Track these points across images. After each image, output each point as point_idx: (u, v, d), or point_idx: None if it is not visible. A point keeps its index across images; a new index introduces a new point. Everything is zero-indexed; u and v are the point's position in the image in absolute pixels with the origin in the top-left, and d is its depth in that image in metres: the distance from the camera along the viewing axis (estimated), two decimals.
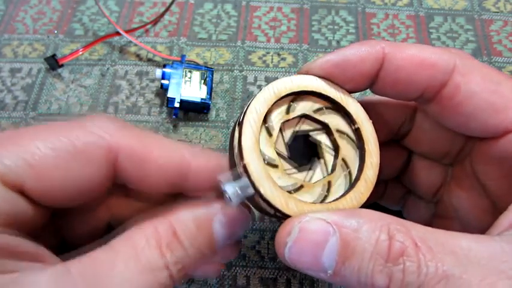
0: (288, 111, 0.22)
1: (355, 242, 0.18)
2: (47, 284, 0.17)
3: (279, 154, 0.22)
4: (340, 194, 0.21)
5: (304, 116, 0.23)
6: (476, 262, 0.17)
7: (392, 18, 0.45)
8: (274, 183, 0.20)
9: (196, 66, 0.40)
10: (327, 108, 0.23)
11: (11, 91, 0.40)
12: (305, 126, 0.23)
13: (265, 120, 0.21)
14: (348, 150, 0.22)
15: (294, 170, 0.22)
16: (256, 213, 0.22)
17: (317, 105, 0.22)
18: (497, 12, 0.46)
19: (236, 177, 0.21)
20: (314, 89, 0.22)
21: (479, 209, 0.24)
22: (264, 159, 0.20)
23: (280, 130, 0.22)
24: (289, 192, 0.21)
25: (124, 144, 0.21)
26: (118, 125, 0.21)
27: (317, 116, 0.22)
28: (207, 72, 0.39)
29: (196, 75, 0.39)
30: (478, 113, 0.21)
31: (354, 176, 0.22)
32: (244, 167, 0.20)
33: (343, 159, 0.22)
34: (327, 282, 0.31)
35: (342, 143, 0.22)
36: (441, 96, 0.21)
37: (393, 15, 0.46)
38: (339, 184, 0.22)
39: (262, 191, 0.19)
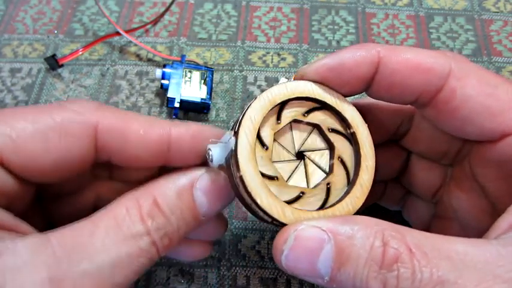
0: (278, 119, 0.22)
1: (349, 248, 0.18)
2: (25, 250, 0.17)
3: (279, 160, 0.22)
4: (340, 197, 0.21)
5: (317, 127, 0.23)
6: (472, 266, 0.17)
7: (392, 18, 0.45)
8: (270, 193, 0.20)
9: (196, 66, 0.40)
10: (315, 108, 0.23)
11: (11, 91, 0.40)
12: (314, 138, 0.23)
13: (259, 133, 0.21)
14: (343, 147, 0.22)
15: (283, 158, 0.22)
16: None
17: (304, 108, 0.22)
18: (497, 12, 0.46)
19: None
20: (309, 95, 0.22)
21: (479, 209, 0.24)
22: (262, 174, 0.20)
23: (291, 127, 0.22)
24: (289, 203, 0.21)
25: (102, 120, 0.21)
26: (95, 104, 0.22)
27: (307, 119, 0.22)
28: (207, 72, 0.39)
29: (196, 75, 0.39)
30: (474, 117, 0.21)
31: (329, 203, 0.22)
32: (241, 178, 0.20)
33: (340, 157, 0.22)
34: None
35: (337, 140, 0.22)
36: (437, 101, 0.21)
37: (393, 15, 0.46)
38: (311, 201, 0.22)
39: (259, 201, 0.19)
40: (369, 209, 0.31)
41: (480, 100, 0.21)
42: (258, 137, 0.21)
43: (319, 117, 0.22)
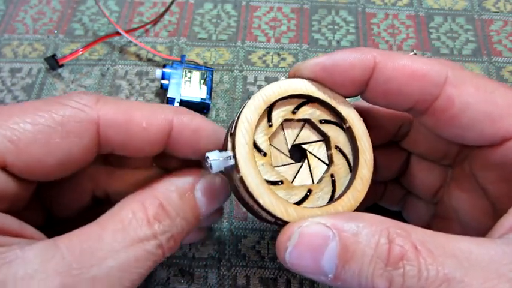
0: (269, 121, 0.22)
1: (354, 245, 0.18)
2: (35, 257, 0.17)
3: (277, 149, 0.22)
4: (345, 185, 0.22)
5: (308, 122, 0.23)
6: (477, 265, 0.17)
7: (392, 18, 0.45)
8: (272, 192, 0.20)
9: (196, 66, 0.40)
10: (302, 104, 0.23)
11: (11, 91, 0.40)
12: (306, 132, 0.23)
13: (269, 118, 0.21)
14: (337, 136, 0.22)
15: (285, 162, 0.22)
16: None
17: (293, 106, 0.22)
18: (497, 12, 0.46)
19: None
20: (302, 92, 0.22)
21: (479, 210, 0.24)
22: (266, 181, 0.20)
23: (282, 127, 0.22)
24: (299, 203, 0.21)
25: (104, 113, 0.21)
26: (95, 96, 0.22)
27: (297, 116, 0.22)
28: (207, 72, 0.39)
29: (196, 75, 0.39)
30: (474, 124, 0.21)
31: (337, 194, 0.22)
32: (241, 179, 0.20)
33: (336, 146, 0.22)
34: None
35: (329, 130, 0.22)
36: (434, 109, 0.21)
37: (393, 15, 0.46)
38: (319, 196, 0.22)
39: (261, 201, 0.19)
40: (369, 209, 0.30)
41: (479, 107, 0.20)
42: (255, 145, 0.21)
43: (307, 111, 0.22)
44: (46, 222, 0.25)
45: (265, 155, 0.21)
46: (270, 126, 0.21)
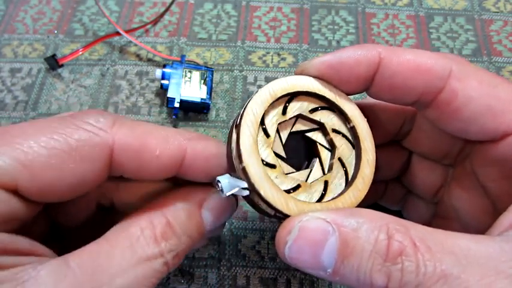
0: (284, 112, 0.22)
1: (354, 241, 0.18)
2: (47, 276, 0.17)
3: (276, 155, 0.22)
4: (339, 193, 0.22)
5: (300, 116, 0.23)
6: (475, 262, 0.17)
7: (392, 18, 0.45)
8: (273, 184, 0.20)
9: (196, 66, 0.40)
10: (322, 108, 0.23)
11: (11, 91, 0.40)
12: (300, 126, 0.23)
13: (262, 122, 0.21)
14: (344, 149, 0.23)
15: (292, 170, 0.22)
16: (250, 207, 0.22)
17: (312, 105, 0.23)
18: (497, 12, 0.46)
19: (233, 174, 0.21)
20: (309, 89, 0.22)
21: (480, 209, 0.24)
22: (262, 161, 0.20)
23: (277, 131, 0.22)
24: (288, 192, 0.21)
25: (119, 139, 0.21)
26: (111, 118, 0.21)
27: (312, 116, 0.23)
28: (207, 72, 0.39)
29: (196, 75, 0.39)
30: (476, 118, 0.21)
31: (350, 174, 0.22)
32: (244, 170, 0.20)
33: (340, 159, 0.22)
34: (327, 282, 0.31)
35: (338, 142, 0.23)
36: (438, 102, 0.21)
37: (393, 15, 0.46)
38: (336, 183, 0.22)
39: (262, 192, 0.19)
40: (369, 208, 0.30)
41: (482, 101, 0.21)
42: (262, 123, 0.21)
43: (296, 106, 0.22)
44: (50, 229, 0.25)
45: (274, 167, 0.21)
46: (268, 137, 0.21)
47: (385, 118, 0.26)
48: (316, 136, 0.23)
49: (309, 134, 0.23)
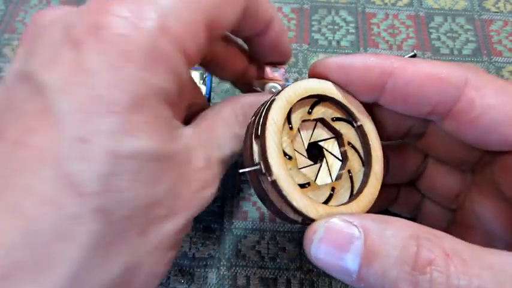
0: (309, 112, 0.22)
1: (380, 246, 0.17)
2: (191, 137, 0.21)
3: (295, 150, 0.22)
4: (343, 202, 0.22)
5: (322, 121, 0.23)
6: None
7: (392, 18, 0.45)
8: (302, 193, 0.20)
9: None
10: (344, 120, 0.23)
11: None
12: (320, 130, 0.23)
13: (288, 114, 0.21)
14: (354, 164, 0.23)
15: (306, 164, 0.22)
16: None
17: (307, 107, 0.23)
18: (497, 12, 0.46)
19: None
20: (319, 92, 0.22)
21: (504, 217, 0.23)
22: (285, 154, 0.21)
23: (298, 130, 0.22)
24: (302, 186, 0.21)
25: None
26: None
27: (334, 124, 0.23)
28: (206, 73, 0.39)
29: (195, 75, 0.39)
30: (496, 127, 0.20)
31: (356, 188, 0.22)
32: (274, 183, 0.20)
33: (349, 171, 0.23)
34: (327, 282, 0.31)
35: (351, 155, 0.23)
36: (455, 112, 0.21)
37: (393, 15, 0.46)
38: (342, 193, 0.22)
39: (295, 204, 0.20)
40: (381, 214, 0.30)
41: (501, 109, 0.20)
42: (288, 116, 0.21)
43: (320, 110, 0.23)
44: None
45: (290, 158, 0.21)
46: (291, 129, 0.22)
47: (389, 117, 0.25)
48: (332, 145, 0.23)
49: (323, 143, 0.23)
